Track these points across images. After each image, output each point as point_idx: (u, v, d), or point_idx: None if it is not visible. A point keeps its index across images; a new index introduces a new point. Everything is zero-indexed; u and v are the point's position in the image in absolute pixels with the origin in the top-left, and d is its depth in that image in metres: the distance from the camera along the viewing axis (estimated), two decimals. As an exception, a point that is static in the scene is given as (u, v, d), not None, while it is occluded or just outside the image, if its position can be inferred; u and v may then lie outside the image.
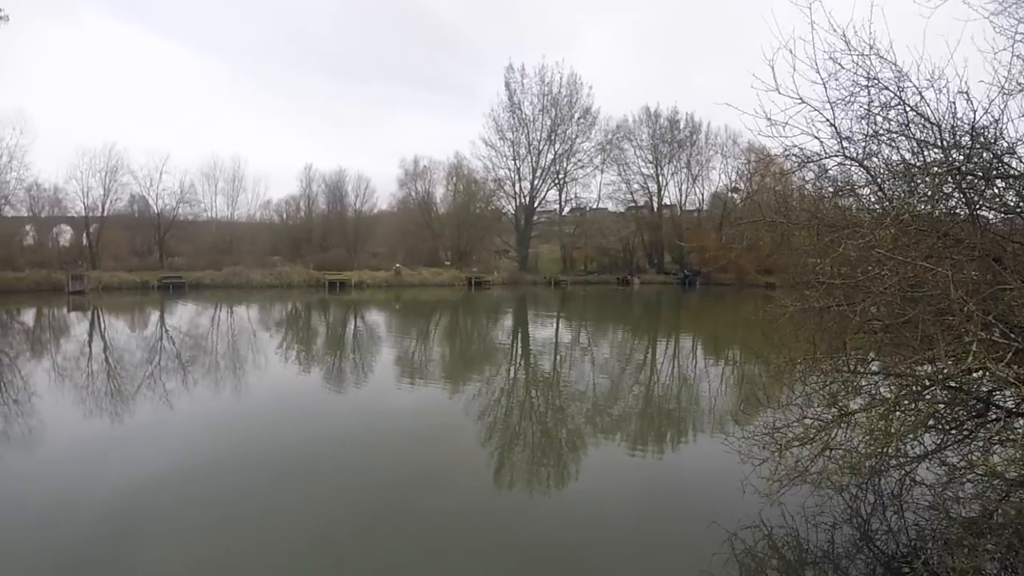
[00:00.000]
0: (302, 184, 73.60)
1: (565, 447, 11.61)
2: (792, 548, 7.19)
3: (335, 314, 37.79)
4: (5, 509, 8.47)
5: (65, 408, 14.56)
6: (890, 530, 7.45)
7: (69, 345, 25.13)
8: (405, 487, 9.18)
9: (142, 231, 64.24)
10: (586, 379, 17.71)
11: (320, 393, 16.12)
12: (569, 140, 71.93)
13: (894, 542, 7.22)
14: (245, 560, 6.95)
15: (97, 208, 58.07)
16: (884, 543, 7.24)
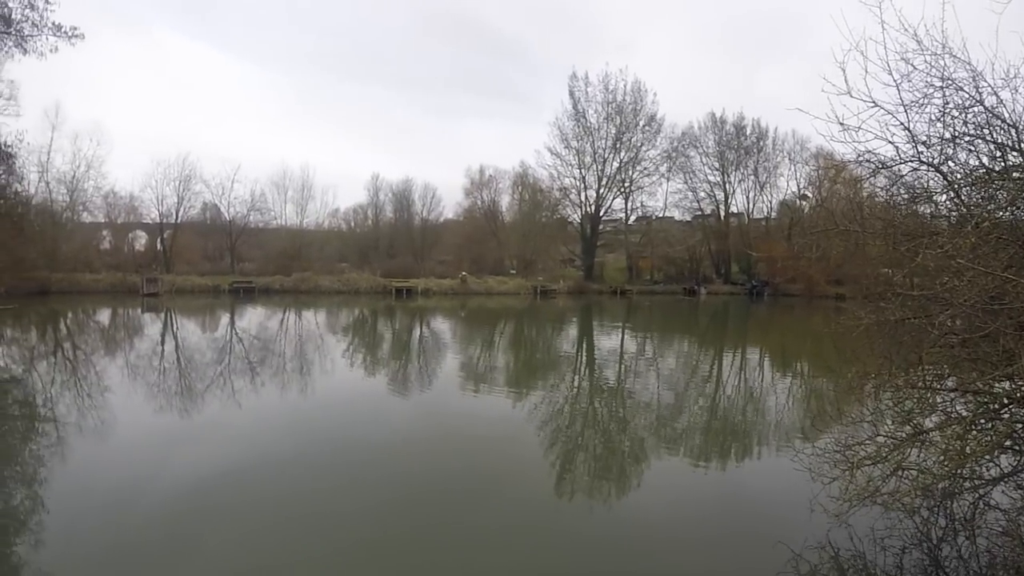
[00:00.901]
0: (370, 193, 75.25)
1: (627, 459, 11.53)
2: (858, 572, 6.99)
3: (401, 320, 38.30)
4: (75, 496, 8.92)
5: (136, 403, 15.19)
6: (960, 556, 7.16)
7: (142, 344, 26.19)
8: (465, 493, 9.26)
9: (214, 237, 66.52)
10: (650, 391, 17.54)
11: (384, 397, 16.39)
12: (634, 148, 71.43)
13: (964, 569, 6.93)
14: (302, 558, 7.12)
15: (171, 215, 60.93)
16: (954, 570, 6.96)
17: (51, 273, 45.92)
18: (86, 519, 8.09)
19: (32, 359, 21.95)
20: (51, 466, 10.58)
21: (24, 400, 16.01)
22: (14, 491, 9.73)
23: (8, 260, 25.71)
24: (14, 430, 13.48)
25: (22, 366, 20.70)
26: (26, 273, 36.57)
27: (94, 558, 7.03)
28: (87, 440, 11.93)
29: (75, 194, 56.12)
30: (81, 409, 14.38)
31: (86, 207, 58.08)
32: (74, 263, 50.73)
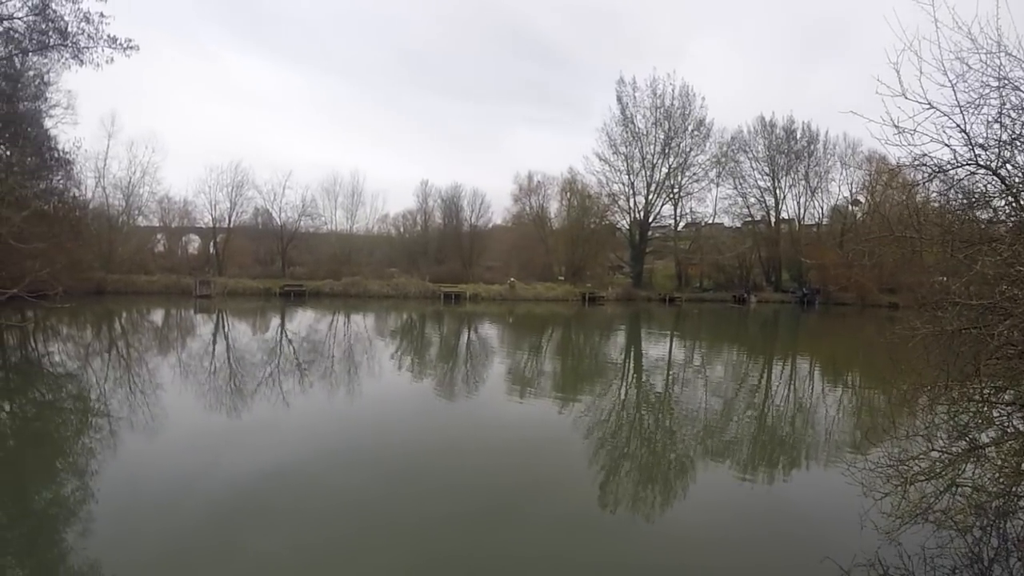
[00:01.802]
0: (419, 199, 75.70)
1: (673, 469, 11.45)
2: (908, 591, 6.87)
3: (449, 325, 38.58)
4: (125, 489, 9.25)
5: (187, 401, 15.67)
6: (1012, 578, 6.99)
7: (194, 344, 26.91)
8: (508, 499, 9.30)
9: (265, 241, 67.83)
10: (698, 400, 17.38)
11: (431, 401, 16.55)
12: (683, 153, 70.49)
13: (1015, 593, 6.76)
14: (345, 557, 7.26)
15: (224, 220, 62.60)
16: (1005, 593, 6.79)
17: (107, 274, 47.55)
18: (134, 511, 8.37)
19: (87, 356, 22.77)
20: (102, 459, 10.96)
21: (78, 395, 16.64)
22: (65, 481, 10.17)
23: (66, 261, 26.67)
24: (68, 423, 14.10)
25: (77, 362, 21.51)
26: (83, 274, 37.86)
27: (140, 549, 7.25)
28: (138, 435, 12.31)
29: (131, 199, 58.52)
30: (133, 405, 14.86)
31: (141, 211, 60.64)
32: (129, 265, 52.46)
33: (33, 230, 21.33)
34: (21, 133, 27.15)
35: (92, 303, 39.73)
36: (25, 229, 20.03)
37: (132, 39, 23.31)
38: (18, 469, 10.73)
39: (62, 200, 35.93)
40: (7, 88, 23.79)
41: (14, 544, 7.64)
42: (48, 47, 22.82)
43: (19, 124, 26.58)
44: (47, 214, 28.37)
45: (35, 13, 21.90)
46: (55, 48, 22.83)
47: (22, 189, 23.85)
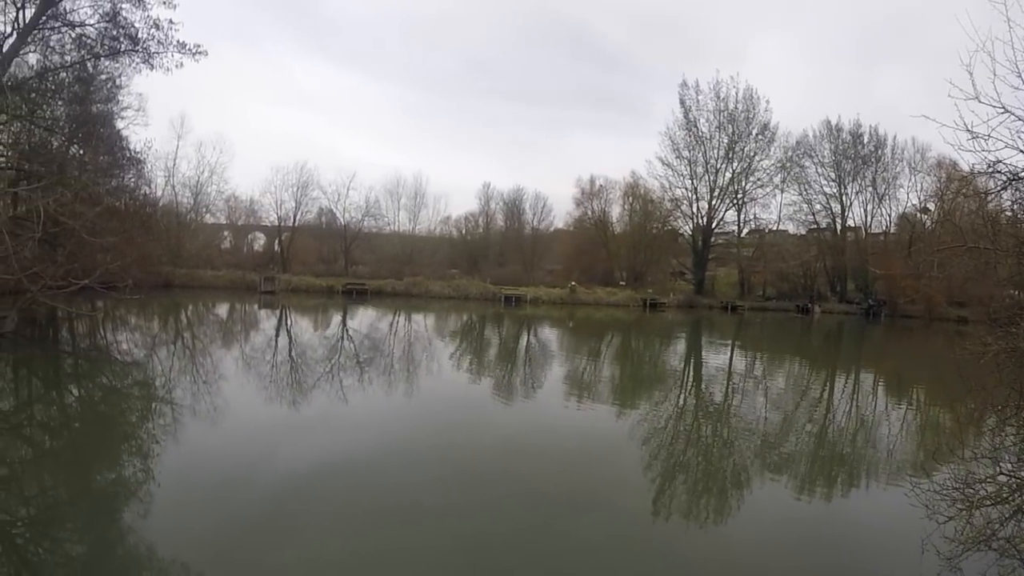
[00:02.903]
0: (481, 202, 76.17)
1: (728, 482, 11.27)
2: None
3: (509, 328, 38.68)
4: (185, 474, 9.58)
5: (248, 392, 16.16)
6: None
7: (257, 337, 27.66)
8: (561, 504, 9.27)
9: (329, 240, 69.21)
10: (757, 412, 17.06)
11: (488, 403, 16.63)
12: (747, 158, 68.78)
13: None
14: (395, 550, 7.38)
15: (289, 219, 64.35)
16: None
17: (175, 268, 49.14)
18: (193, 495, 8.67)
19: (153, 345, 23.57)
20: (164, 444, 11.31)
21: (144, 382, 17.26)
22: (128, 464, 10.61)
23: (136, 255, 27.64)
24: (133, 409, 14.70)
25: (144, 351, 22.29)
26: (152, 268, 39.19)
27: (196, 532, 7.50)
28: (200, 423, 12.73)
29: (199, 197, 60.79)
30: (196, 394, 15.37)
31: (209, 209, 62.96)
32: (196, 260, 54.34)
33: (105, 225, 22.26)
34: (94, 133, 28.22)
35: (160, 296, 41.14)
36: (98, 224, 20.92)
37: (201, 45, 24.12)
38: (83, 450, 11.24)
39: (133, 197, 37.37)
40: (80, 91, 24.83)
41: (75, 520, 8.03)
42: (119, 52, 23.75)
43: (92, 125, 27.68)
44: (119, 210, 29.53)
45: (106, 20, 22.85)
46: (126, 53, 23.75)
47: (95, 186, 24.72)
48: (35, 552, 7.17)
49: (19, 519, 7.98)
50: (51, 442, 11.91)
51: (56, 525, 7.83)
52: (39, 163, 22.10)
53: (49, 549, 7.22)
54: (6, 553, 7.02)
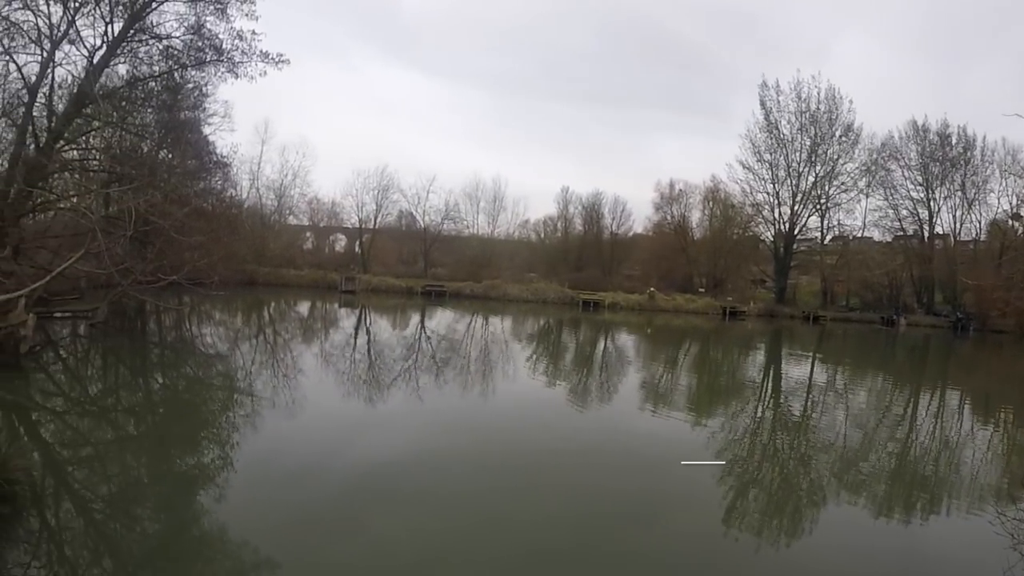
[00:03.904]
0: (559, 205, 75.46)
1: (804, 499, 10.66)
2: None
3: (586, 333, 38.33)
4: (261, 462, 9.74)
5: (326, 387, 16.38)
6: None
7: (336, 335, 28.13)
8: (629, 516, 8.96)
9: (409, 242, 70.14)
10: (836, 428, 16.20)
11: (562, 407, 16.37)
12: (831, 161, 65.28)
13: None
14: (459, 550, 7.29)
15: (369, 221, 65.47)
16: None
17: (259, 267, 50.42)
18: (267, 484, 8.78)
19: (236, 340, 24.21)
20: (243, 433, 11.58)
21: (226, 374, 17.68)
22: (207, 450, 10.81)
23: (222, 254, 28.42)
24: (215, 399, 15.06)
25: (227, 344, 22.89)
26: (237, 266, 40.16)
27: (267, 519, 7.56)
28: (278, 415, 12.91)
29: (282, 199, 62.55)
30: (275, 387, 15.67)
31: (292, 211, 64.63)
32: (279, 260, 55.58)
33: (193, 225, 22.98)
34: (182, 138, 29.23)
35: (244, 293, 42.18)
36: (186, 224, 21.64)
37: (283, 53, 24.66)
38: (165, 435, 11.55)
39: (220, 199, 38.37)
40: (168, 99, 25.66)
41: (153, 500, 8.22)
42: (205, 62, 24.51)
43: (180, 131, 28.60)
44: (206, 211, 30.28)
45: (191, 32, 23.65)
46: (211, 63, 24.49)
47: (183, 188, 25.62)
48: (114, 528, 7.33)
49: (101, 496, 8.20)
50: (135, 426, 12.22)
51: (135, 504, 7.99)
52: (130, 166, 22.88)
53: (127, 526, 7.38)
54: (86, 527, 7.19)
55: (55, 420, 11.89)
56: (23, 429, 10.85)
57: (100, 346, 19.81)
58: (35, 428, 11.20)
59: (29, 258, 19.59)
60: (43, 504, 7.47)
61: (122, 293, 19.60)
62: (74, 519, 7.38)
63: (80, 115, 22.63)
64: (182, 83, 26.05)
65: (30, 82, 21.13)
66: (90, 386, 15.28)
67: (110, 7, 21.78)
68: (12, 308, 14.83)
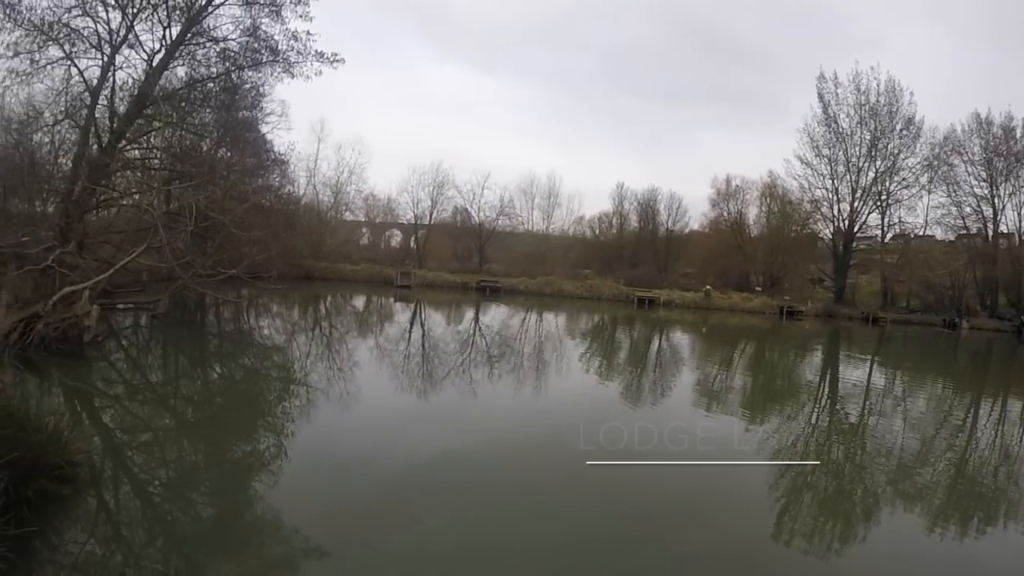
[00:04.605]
0: (614, 202, 74.82)
1: (856, 508, 10.27)
2: None
3: (640, 330, 37.97)
4: (313, 451, 9.93)
5: (379, 380, 16.57)
6: None
7: (391, 329, 28.40)
8: (677, 516, 8.78)
9: (463, 238, 70.49)
10: (893, 435, 15.60)
11: (614, 406, 16.14)
12: (891, 156, 62.49)
13: None
14: (506, 547, 7.25)
15: (425, 217, 65.97)
16: None
17: (315, 262, 51.25)
18: (319, 473, 8.91)
19: (292, 332, 24.61)
20: (297, 423, 11.77)
21: (283, 365, 18.00)
22: (263, 438, 11.00)
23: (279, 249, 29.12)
24: (271, 389, 15.34)
25: (283, 336, 23.30)
26: (294, 261, 40.96)
27: (318, 507, 7.64)
28: (332, 406, 13.17)
29: (338, 196, 63.62)
30: (330, 379, 15.94)
31: (348, 207, 65.72)
32: (336, 255, 56.49)
33: (252, 221, 23.55)
34: (240, 137, 29.91)
35: (301, 287, 42.92)
36: (245, 219, 22.27)
37: (337, 53, 25.01)
38: (221, 422, 11.82)
39: (277, 196, 39.21)
40: (226, 99, 26.22)
41: (208, 485, 8.41)
42: (261, 63, 25.03)
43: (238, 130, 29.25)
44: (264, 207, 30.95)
45: (247, 34, 24.23)
46: (267, 64, 25.01)
47: (242, 185, 26.39)
48: (169, 511, 7.50)
49: (158, 479, 8.41)
50: (193, 413, 12.55)
51: (191, 488, 8.17)
52: (190, 164, 23.52)
53: (182, 509, 7.53)
54: (143, 509, 7.37)
55: (115, 406, 12.28)
56: (85, 414, 11.20)
57: (160, 336, 20.34)
58: (96, 413, 11.55)
59: (93, 252, 20.17)
60: (102, 486, 7.66)
61: (183, 286, 20.16)
62: (131, 501, 7.58)
63: (141, 116, 23.36)
64: (239, 83, 26.62)
65: (92, 85, 21.85)
66: (150, 374, 15.68)
67: (167, 12, 22.47)
68: (77, 299, 15.35)
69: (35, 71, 21.05)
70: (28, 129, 21.75)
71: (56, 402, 11.45)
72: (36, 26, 20.40)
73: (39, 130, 21.99)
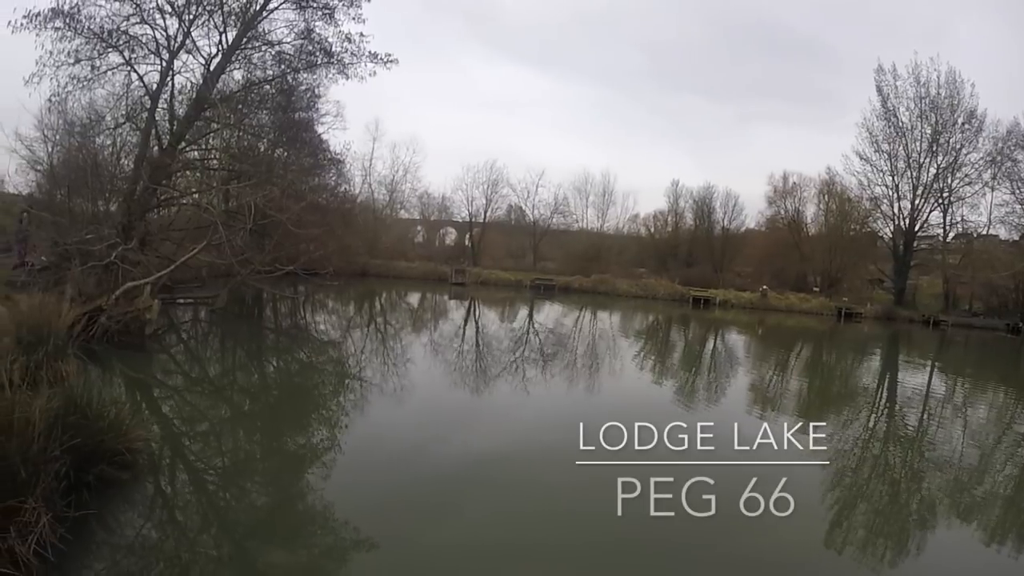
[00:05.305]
0: (669, 200, 73.45)
1: (912, 519, 9.88)
2: None
3: (695, 330, 37.47)
4: (366, 445, 10.14)
5: (433, 377, 16.64)
6: None
7: (445, 325, 28.63)
8: (729, 515, 8.61)
9: (518, 236, 70.50)
10: (952, 444, 14.96)
11: (667, 407, 15.89)
12: (953, 151, 59.86)
13: None
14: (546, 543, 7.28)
15: (479, 215, 66.36)
16: None
17: (371, 259, 51.95)
18: (371, 465, 9.04)
19: (348, 327, 25.01)
20: (351, 417, 11.96)
21: (338, 360, 18.33)
22: (317, 431, 11.20)
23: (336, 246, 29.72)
24: (326, 383, 15.60)
25: (339, 332, 23.68)
26: (350, 258, 41.57)
27: (369, 500, 7.75)
28: (385, 401, 13.29)
29: (394, 194, 64.46)
30: (384, 374, 16.12)
31: (403, 205, 66.60)
32: (391, 252, 57.11)
33: (309, 218, 24.00)
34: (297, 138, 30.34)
35: (356, 283, 43.38)
36: (302, 217, 22.65)
37: (391, 53, 25.23)
38: (277, 414, 12.08)
39: (333, 194, 39.87)
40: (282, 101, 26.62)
41: (262, 475, 8.58)
42: (316, 65, 25.41)
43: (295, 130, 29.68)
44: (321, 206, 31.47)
45: (301, 37, 24.63)
46: (322, 66, 25.38)
47: (299, 184, 26.80)
48: (223, 499, 7.70)
49: (213, 468, 8.64)
50: (249, 405, 12.86)
51: (245, 477, 8.37)
52: (248, 164, 23.97)
53: (236, 497, 7.73)
54: (198, 496, 7.59)
55: (174, 396, 12.66)
56: (145, 404, 11.56)
57: (218, 330, 20.92)
58: (156, 403, 11.93)
59: (154, 249, 20.73)
60: (159, 472, 7.89)
61: (241, 282, 20.54)
62: (187, 488, 7.80)
63: (200, 118, 23.80)
64: (295, 85, 27.01)
65: (151, 90, 22.41)
66: (208, 367, 16.12)
67: (223, 18, 22.96)
68: (139, 294, 15.86)
69: (96, 77, 21.70)
70: (90, 132, 22.43)
71: (117, 392, 11.74)
72: (96, 34, 21.01)
73: (101, 133, 22.67)
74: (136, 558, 5.88)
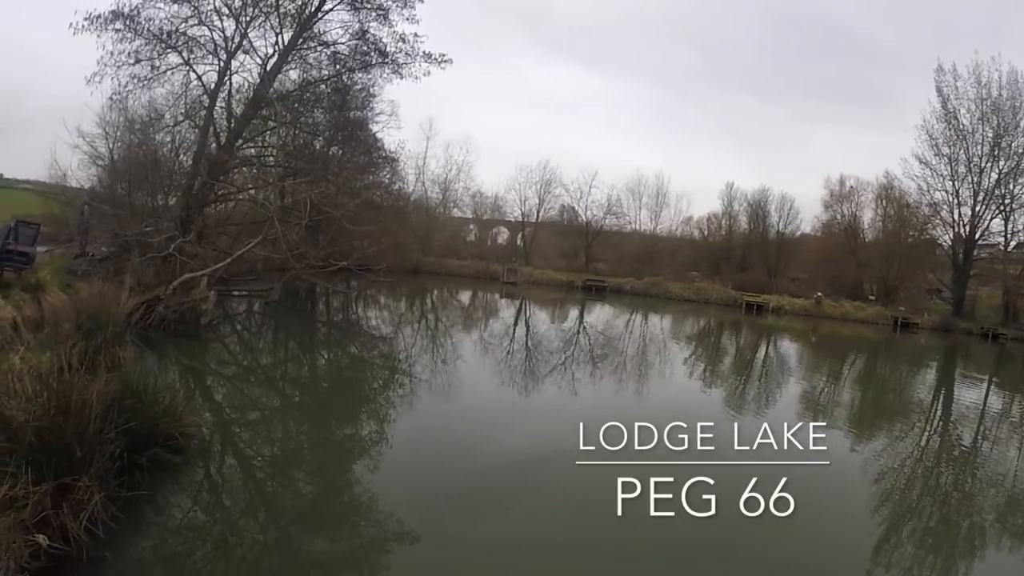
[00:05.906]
0: (723, 202, 72.29)
1: (962, 540, 9.57)
2: None
3: (747, 337, 36.96)
4: (414, 440, 10.21)
5: (482, 375, 16.68)
6: None
7: (496, 324, 28.64)
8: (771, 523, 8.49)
9: (570, 237, 70.17)
10: (1007, 464, 14.46)
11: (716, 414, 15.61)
12: (1015, 155, 57.40)
13: None
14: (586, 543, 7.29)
15: (532, 214, 66.56)
16: None
17: (424, 257, 52.53)
18: (417, 460, 9.13)
19: (399, 324, 25.21)
20: (399, 411, 12.07)
21: (388, 355, 18.51)
22: (365, 424, 11.36)
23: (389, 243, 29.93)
24: (376, 377, 15.77)
25: (390, 327, 23.88)
26: (403, 255, 42.00)
27: (414, 494, 7.77)
28: (433, 397, 13.32)
29: (447, 193, 65.01)
30: (434, 370, 16.23)
31: (456, 204, 67.13)
32: (443, 250, 57.68)
33: (363, 215, 24.35)
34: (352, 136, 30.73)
35: (409, 280, 43.61)
36: (357, 214, 23.02)
37: (445, 53, 25.42)
38: (326, 406, 12.26)
39: (388, 192, 40.33)
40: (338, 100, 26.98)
41: (310, 465, 8.72)
42: (370, 65, 25.71)
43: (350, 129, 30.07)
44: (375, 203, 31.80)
45: (356, 38, 24.97)
46: (376, 66, 25.68)
47: (354, 182, 27.07)
48: (272, 485, 7.84)
49: (262, 455, 8.80)
50: (299, 396, 13.09)
51: (292, 466, 8.51)
52: (304, 162, 24.35)
53: (283, 484, 7.84)
54: (245, 481, 7.75)
55: (227, 385, 12.97)
56: (198, 391, 11.83)
57: (272, 322, 21.32)
58: (209, 391, 12.23)
59: (211, 242, 21.17)
60: (210, 457, 8.07)
61: (295, 276, 20.93)
62: (235, 473, 7.97)
63: (256, 116, 24.31)
64: (350, 85, 27.36)
65: (210, 89, 22.94)
66: (260, 357, 16.46)
67: (279, 19, 23.38)
68: (195, 285, 16.25)
69: (155, 76, 22.33)
70: (150, 129, 23.00)
71: (172, 378, 12.08)
72: (155, 35, 21.63)
73: (161, 130, 23.22)
74: (184, 539, 6.02)
